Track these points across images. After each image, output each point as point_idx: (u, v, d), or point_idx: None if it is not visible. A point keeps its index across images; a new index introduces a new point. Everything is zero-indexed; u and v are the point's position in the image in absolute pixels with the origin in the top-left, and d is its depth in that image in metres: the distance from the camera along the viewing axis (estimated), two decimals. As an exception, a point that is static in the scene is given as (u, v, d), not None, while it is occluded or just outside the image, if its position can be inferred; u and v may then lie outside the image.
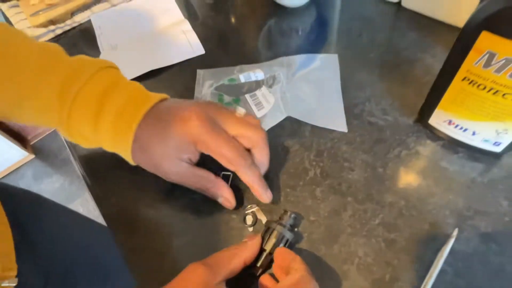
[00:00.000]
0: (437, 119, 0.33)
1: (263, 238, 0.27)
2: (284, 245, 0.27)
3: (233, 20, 0.55)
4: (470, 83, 0.27)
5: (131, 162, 0.30)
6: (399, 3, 0.50)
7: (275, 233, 0.27)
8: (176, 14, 0.57)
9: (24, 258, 0.37)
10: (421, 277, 0.26)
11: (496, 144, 0.30)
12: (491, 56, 0.25)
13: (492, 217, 0.29)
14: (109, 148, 0.30)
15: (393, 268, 0.27)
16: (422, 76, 0.39)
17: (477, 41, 0.25)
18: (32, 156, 1.74)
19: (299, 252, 0.29)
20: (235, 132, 0.29)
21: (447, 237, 0.28)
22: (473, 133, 0.31)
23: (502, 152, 0.31)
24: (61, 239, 0.48)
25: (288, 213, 0.29)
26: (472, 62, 0.26)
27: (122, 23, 0.57)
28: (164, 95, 0.30)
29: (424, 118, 0.34)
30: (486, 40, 0.24)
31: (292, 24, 0.51)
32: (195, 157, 0.29)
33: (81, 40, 0.57)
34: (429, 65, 0.40)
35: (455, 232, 0.27)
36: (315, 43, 0.47)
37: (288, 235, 0.28)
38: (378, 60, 0.43)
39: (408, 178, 0.32)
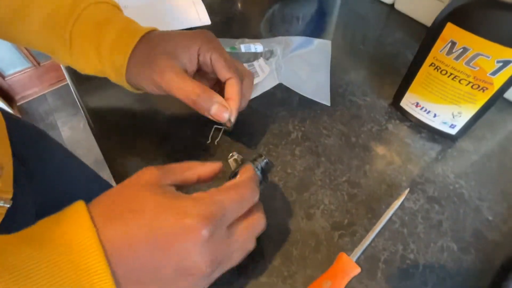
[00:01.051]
0: (407, 101, 0.38)
1: (233, 171, 0.32)
2: None
3: (239, 1, 0.59)
4: (435, 68, 0.32)
5: (123, 69, 0.30)
6: (392, 5, 0.55)
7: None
8: (188, -13, 0.60)
9: (21, 185, 0.39)
10: (373, 224, 0.31)
11: (452, 126, 0.35)
12: (453, 44, 0.30)
13: (439, 185, 0.34)
14: (108, 57, 0.31)
15: (351, 216, 0.32)
16: (401, 68, 0.44)
17: (443, 31, 0.30)
18: (19, 116, 1.72)
19: (273, 197, 0.33)
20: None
21: (398, 195, 0.33)
22: (434, 115, 0.36)
23: (457, 135, 0.36)
24: (60, 176, 0.50)
25: (263, 157, 0.33)
26: (438, 49, 0.31)
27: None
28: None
29: (397, 101, 0.39)
30: (450, 31, 0.29)
31: (294, 11, 0.56)
32: (192, 68, 0.31)
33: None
34: (408, 60, 0.45)
35: (406, 191, 0.32)
36: (313, 30, 0.52)
37: (258, 174, 0.32)
38: (365, 52, 0.48)
39: (375, 148, 0.37)
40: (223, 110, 0.30)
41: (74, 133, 1.66)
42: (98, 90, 0.43)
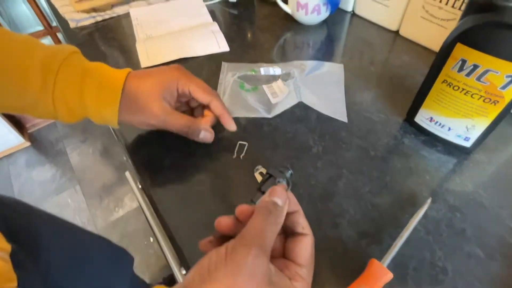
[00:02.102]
0: (421, 117, 0.40)
1: (261, 181, 0.33)
2: None
3: (255, 29, 0.63)
4: (447, 85, 0.35)
5: (115, 121, 0.35)
6: (397, 32, 0.59)
7: (272, 179, 0.33)
8: (206, 18, 0.65)
9: (21, 266, 0.33)
10: (399, 232, 0.32)
11: (466, 139, 0.37)
12: (463, 62, 0.32)
13: (459, 195, 0.35)
14: (95, 111, 0.35)
15: (377, 224, 0.33)
16: (411, 87, 0.47)
17: (453, 50, 0.33)
18: (28, 143, 1.76)
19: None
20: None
21: (422, 204, 0.34)
22: (449, 129, 0.38)
23: (471, 147, 0.38)
24: (57, 247, 0.45)
25: (288, 169, 0.34)
26: (449, 67, 0.34)
27: (157, 18, 0.65)
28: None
29: (411, 116, 0.42)
30: (460, 50, 0.32)
31: (305, 39, 0.60)
32: (173, 100, 0.37)
33: (118, 28, 0.65)
34: (417, 80, 0.48)
35: (429, 200, 0.33)
36: (324, 55, 0.55)
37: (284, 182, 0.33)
38: (375, 73, 0.51)
39: (393, 161, 0.39)
40: (209, 135, 0.38)
41: (82, 159, 1.68)
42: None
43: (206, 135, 0.38)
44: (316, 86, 0.48)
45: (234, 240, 0.21)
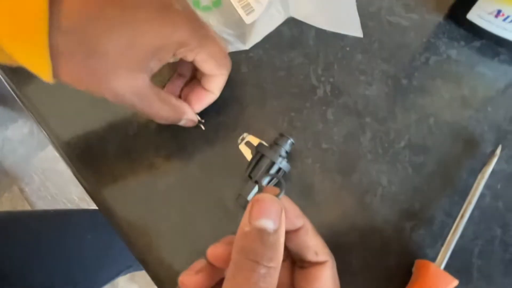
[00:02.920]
0: (480, 10, 0.26)
1: (250, 163, 0.23)
2: (275, 174, 0.22)
3: None
4: None
5: (47, 74, 0.17)
6: None
7: (266, 160, 0.22)
8: None
9: None
10: (456, 204, 0.22)
11: (553, 38, 0.24)
12: None
13: (539, 130, 0.24)
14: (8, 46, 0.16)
15: (423, 196, 0.23)
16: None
17: None
18: (-10, 101, 1.56)
19: (309, 187, 0.24)
20: None
21: (485, 156, 0.23)
22: (527, 26, 0.24)
23: (556, 49, 0.25)
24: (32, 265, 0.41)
25: (285, 137, 0.23)
26: None
27: None
28: None
29: (461, 11, 0.27)
30: None
31: None
32: (158, 67, 0.21)
33: None
34: None
35: (498, 150, 0.23)
36: None
37: (284, 164, 0.22)
38: None
39: (437, 89, 0.26)
40: (191, 124, 0.25)
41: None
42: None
43: (188, 123, 0.24)
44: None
45: None
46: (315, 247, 0.16)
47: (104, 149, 0.26)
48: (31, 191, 1.32)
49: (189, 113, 0.24)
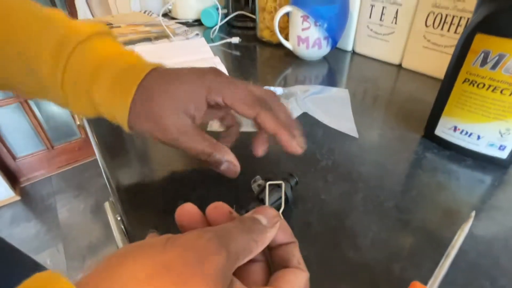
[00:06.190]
0: (442, 128, 0.35)
1: (262, 192, 0.27)
2: (280, 200, 0.26)
3: (257, 65, 0.63)
4: (470, 83, 0.31)
5: (125, 120, 0.26)
6: (399, 65, 0.58)
7: (276, 189, 0.27)
8: (208, 52, 0.66)
9: None
10: (441, 254, 0.24)
11: (502, 148, 0.32)
12: (486, 54, 0.29)
13: (509, 211, 0.28)
14: (105, 106, 0.27)
15: (410, 244, 0.25)
16: (425, 108, 0.43)
17: (472, 43, 0.30)
18: (18, 198, 1.67)
19: (307, 223, 0.27)
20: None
21: (463, 221, 0.26)
22: (478, 138, 0.33)
23: (508, 159, 0.32)
24: None
25: (293, 177, 0.29)
26: (470, 63, 0.30)
27: (161, 54, 0.65)
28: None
29: (430, 130, 0.37)
30: (480, 41, 0.29)
31: (307, 73, 0.59)
32: (200, 114, 0.27)
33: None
34: (428, 103, 0.44)
35: (473, 213, 0.26)
36: (327, 85, 0.53)
37: (288, 192, 0.27)
38: (383, 97, 0.48)
39: (418, 175, 0.33)
40: (232, 169, 0.28)
41: (71, 215, 1.58)
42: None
43: (229, 168, 0.27)
44: (321, 103, 0.44)
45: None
46: (299, 259, 0.18)
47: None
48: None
49: (230, 154, 0.27)
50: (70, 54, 0.27)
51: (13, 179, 1.71)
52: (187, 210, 0.18)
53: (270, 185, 0.28)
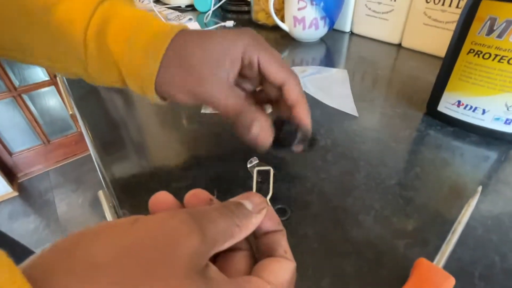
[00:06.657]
0: (446, 103, 0.34)
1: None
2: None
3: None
4: (475, 54, 0.30)
5: (152, 82, 0.24)
6: (399, 44, 0.56)
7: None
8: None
9: None
10: (448, 231, 0.23)
11: (508, 122, 0.31)
12: (493, 21, 0.27)
13: (516, 185, 0.27)
14: (129, 67, 0.25)
15: (414, 220, 0.24)
16: (427, 85, 0.42)
17: (478, 10, 0.28)
18: (15, 193, 1.66)
19: (307, 203, 0.26)
20: None
21: (469, 197, 0.25)
22: (483, 112, 0.31)
23: (515, 133, 0.31)
24: None
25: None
26: (475, 32, 0.29)
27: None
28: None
29: (433, 106, 0.35)
30: (487, 7, 0.27)
31: (304, 56, 0.57)
32: (234, 71, 0.25)
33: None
34: (430, 80, 0.42)
35: (479, 188, 0.25)
36: (325, 66, 0.52)
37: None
38: (384, 77, 0.47)
39: (421, 152, 0.31)
40: (263, 135, 0.24)
41: (70, 209, 1.57)
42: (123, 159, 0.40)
43: (261, 133, 0.24)
44: (320, 83, 0.43)
45: None
46: (286, 248, 0.16)
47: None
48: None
49: (262, 116, 0.24)
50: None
51: (10, 175, 1.69)
52: (161, 199, 0.16)
53: (259, 164, 0.27)
